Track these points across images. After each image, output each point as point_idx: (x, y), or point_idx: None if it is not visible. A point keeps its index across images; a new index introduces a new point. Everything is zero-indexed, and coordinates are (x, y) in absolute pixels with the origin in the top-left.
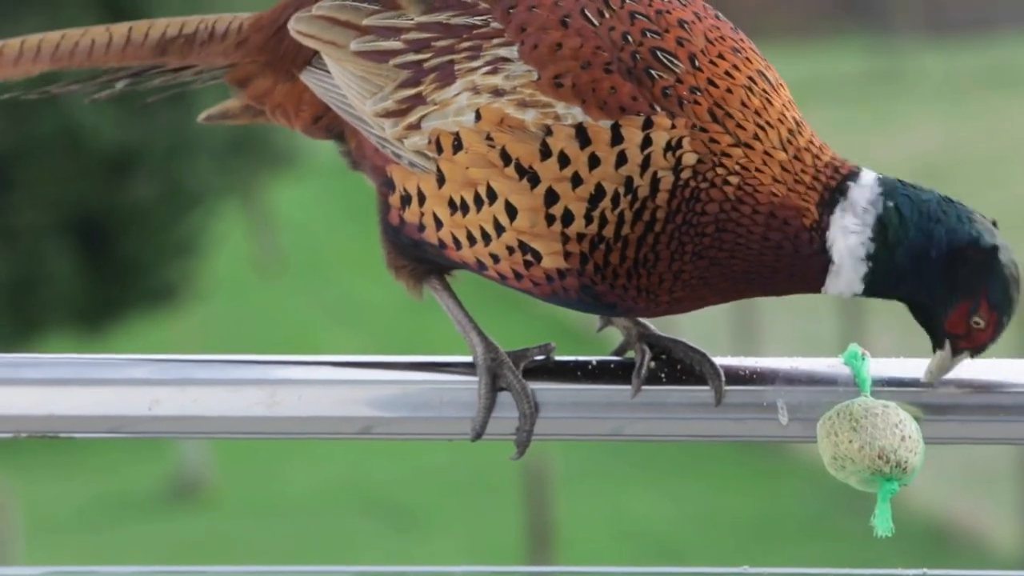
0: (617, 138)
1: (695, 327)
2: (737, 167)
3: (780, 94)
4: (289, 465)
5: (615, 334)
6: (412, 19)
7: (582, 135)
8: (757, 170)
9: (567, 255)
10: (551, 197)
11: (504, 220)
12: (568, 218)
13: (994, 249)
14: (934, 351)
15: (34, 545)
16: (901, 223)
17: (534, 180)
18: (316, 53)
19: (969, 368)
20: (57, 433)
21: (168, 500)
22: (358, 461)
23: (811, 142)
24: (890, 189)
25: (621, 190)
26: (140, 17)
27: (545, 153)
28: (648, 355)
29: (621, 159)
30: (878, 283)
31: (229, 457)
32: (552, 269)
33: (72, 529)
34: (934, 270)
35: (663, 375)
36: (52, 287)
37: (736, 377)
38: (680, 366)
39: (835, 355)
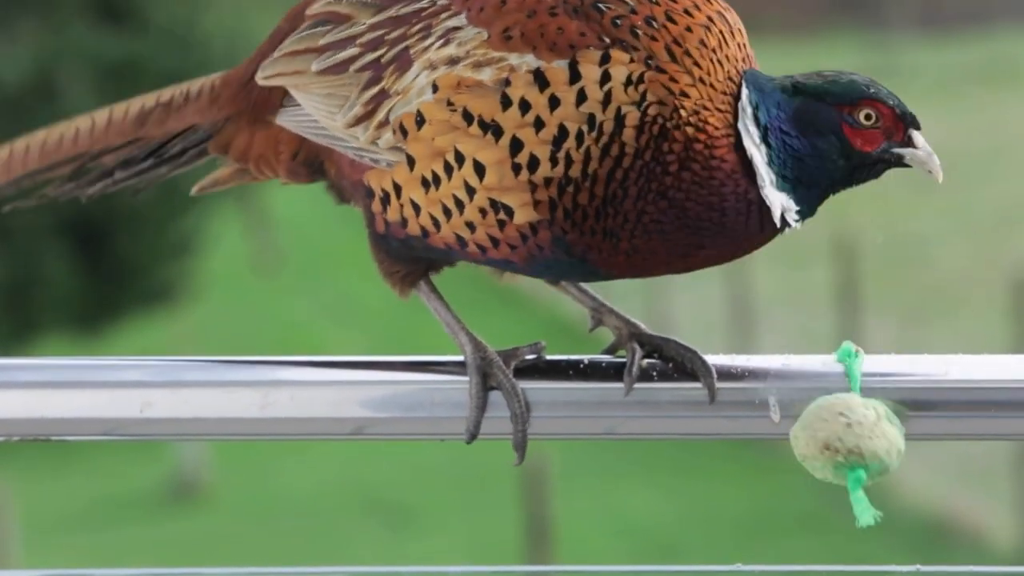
0: (575, 76)
1: (690, 325)
2: (694, 107)
3: (736, 36)
4: (286, 465)
5: (606, 333)
6: (364, 23)
7: (540, 79)
8: (705, 108)
9: (536, 203)
10: (516, 146)
11: (474, 180)
12: (534, 164)
13: (795, 84)
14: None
15: (32, 547)
16: (757, 105)
17: (497, 132)
18: (285, 94)
19: (959, 364)
20: (49, 436)
21: (166, 501)
22: (355, 460)
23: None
24: (750, 77)
25: (585, 128)
26: (134, 18)
27: (506, 104)
28: (639, 353)
29: (581, 96)
30: (794, 185)
31: (226, 458)
32: (524, 224)
33: (70, 531)
34: (798, 138)
35: (655, 373)
36: (48, 288)
37: (728, 375)
38: (672, 364)
39: (832, 351)
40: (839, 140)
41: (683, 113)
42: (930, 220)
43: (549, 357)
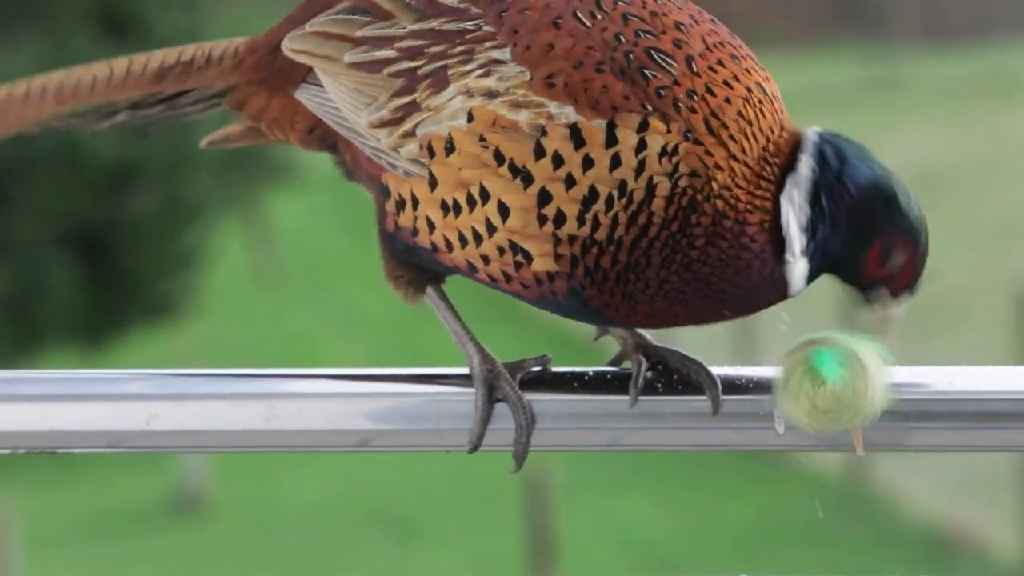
0: (612, 140)
1: (694, 337)
2: (728, 181)
3: (774, 106)
4: (289, 478)
5: (611, 344)
6: (405, 27)
7: (576, 135)
8: (737, 186)
9: (558, 257)
10: (544, 197)
11: (496, 220)
12: (560, 219)
13: (890, 190)
14: (870, 307)
15: (34, 560)
16: (826, 171)
17: (527, 180)
18: (310, 70)
19: (962, 376)
20: (55, 449)
21: (169, 514)
22: (358, 473)
23: (778, 139)
24: (823, 139)
25: (615, 193)
26: (137, 30)
27: (539, 153)
28: (645, 365)
29: (615, 162)
30: (814, 249)
31: (229, 470)
32: (542, 272)
33: (72, 543)
34: (847, 214)
35: (660, 385)
36: (52, 301)
37: (733, 386)
38: (677, 376)
39: None
40: (863, 247)
41: (715, 186)
42: (932, 232)
43: (554, 369)
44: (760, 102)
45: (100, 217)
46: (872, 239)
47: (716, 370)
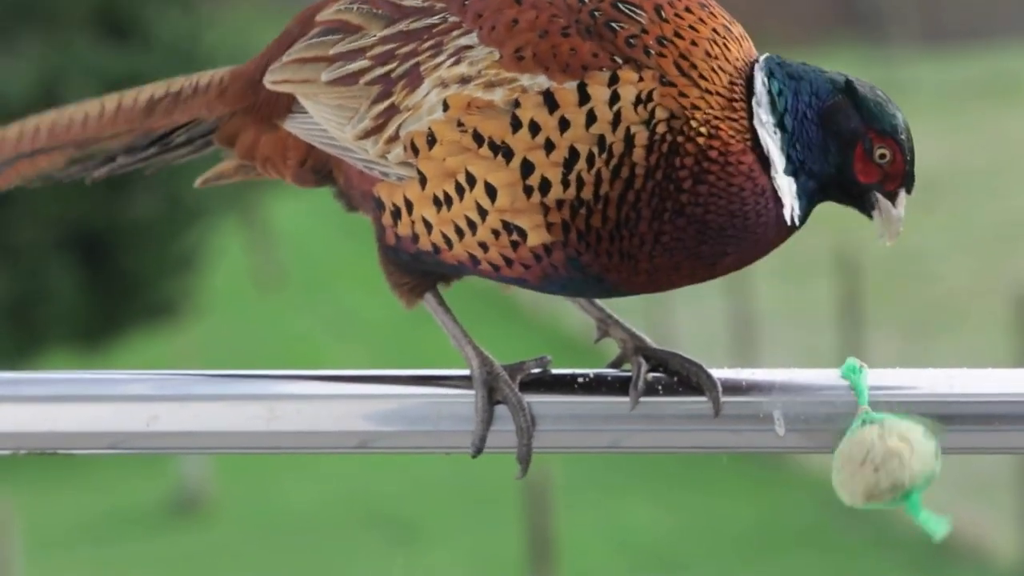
0: (584, 98)
1: (694, 339)
2: (705, 117)
3: (742, 45)
4: (289, 480)
5: (611, 346)
6: (375, 35)
7: (550, 100)
8: (716, 117)
9: (549, 226)
10: (527, 168)
11: (486, 203)
12: (545, 186)
13: (848, 83)
14: (871, 217)
15: (34, 562)
16: (780, 91)
17: (508, 154)
18: (294, 100)
19: (962, 378)
20: (56, 450)
21: (168, 516)
22: (358, 476)
23: (743, 68)
24: (768, 61)
25: (595, 149)
26: (138, 35)
27: (516, 125)
28: (645, 367)
29: (591, 118)
30: (795, 169)
31: (229, 473)
32: (538, 246)
33: (72, 546)
34: (816, 129)
35: (660, 387)
36: (53, 304)
37: (733, 388)
38: (677, 378)
39: (834, 366)
40: (846, 154)
41: (694, 124)
42: (932, 235)
43: (554, 371)
44: (725, 39)
45: (100, 219)
46: (850, 145)
47: (716, 372)
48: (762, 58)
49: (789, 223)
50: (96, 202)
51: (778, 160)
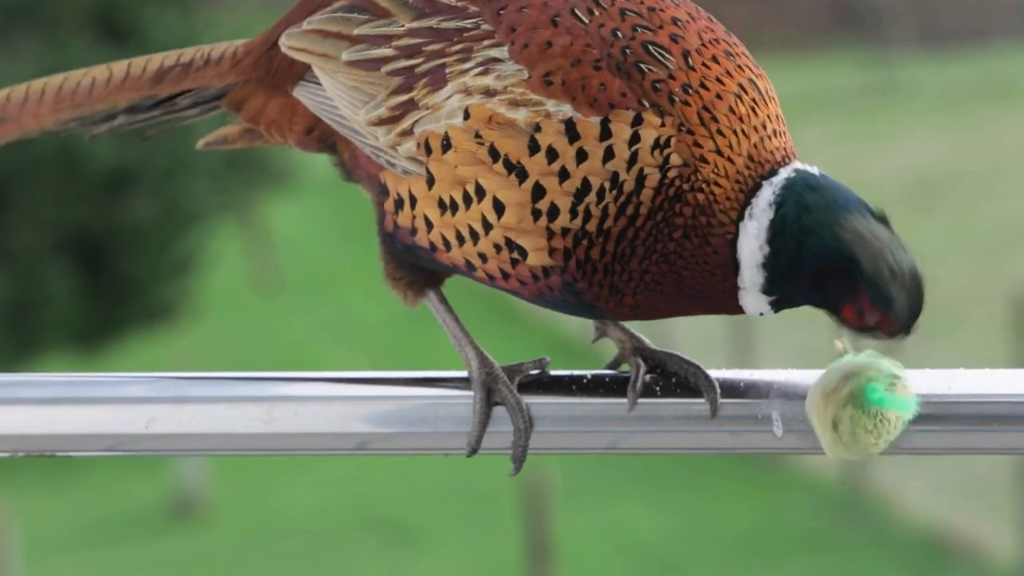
0: (606, 133)
1: (692, 340)
2: (711, 175)
3: (768, 106)
4: (286, 483)
5: (609, 347)
6: (403, 25)
7: (571, 130)
8: (717, 184)
9: (552, 251)
10: (538, 192)
11: (492, 217)
12: (554, 213)
13: (852, 261)
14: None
15: (32, 565)
16: (785, 229)
17: (522, 175)
18: (308, 68)
19: (960, 379)
20: (55, 452)
21: (166, 519)
22: (355, 479)
23: (767, 142)
24: (790, 186)
25: (607, 184)
26: (134, 36)
27: (534, 148)
28: (643, 368)
29: (608, 154)
30: (776, 292)
31: (227, 476)
32: (537, 267)
33: (70, 549)
34: (808, 281)
35: (658, 388)
36: (50, 307)
37: (731, 389)
38: (675, 379)
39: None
40: (835, 306)
41: (699, 177)
42: (931, 238)
43: (552, 372)
44: (753, 100)
45: (98, 222)
46: (842, 301)
47: (714, 373)
48: (787, 174)
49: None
50: (94, 206)
51: (749, 279)
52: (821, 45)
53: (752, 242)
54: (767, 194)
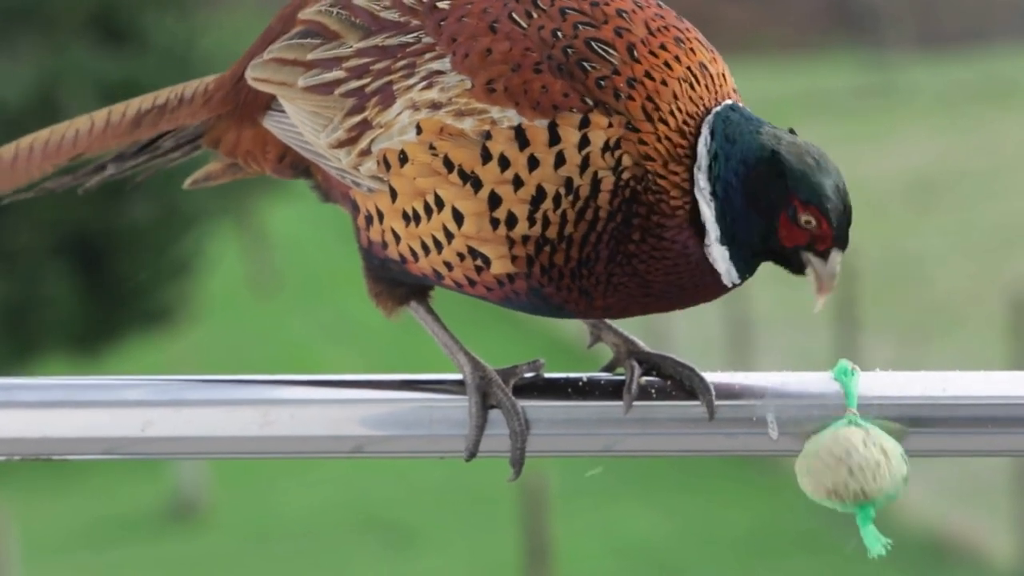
0: (555, 139)
1: (688, 342)
2: (660, 169)
3: (714, 83)
4: (285, 485)
5: (605, 350)
6: (351, 46)
7: (521, 137)
8: (661, 177)
9: (514, 259)
10: (494, 200)
11: (452, 227)
12: (512, 221)
13: (774, 154)
14: (805, 273)
15: (31, 567)
16: (716, 155)
17: (477, 184)
18: (273, 97)
19: (957, 381)
20: (51, 455)
21: (165, 521)
22: (354, 481)
23: (695, 100)
24: (713, 120)
25: (562, 191)
26: (134, 39)
27: (486, 157)
28: (638, 371)
29: (560, 159)
30: (731, 235)
31: (225, 478)
32: (502, 274)
33: (69, 551)
34: (741, 198)
35: (653, 391)
36: (49, 309)
37: (726, 392)
38: (670, 382)
39: (830, 370)
40: (769, 222)
41: (649, 176)
42: (929, 238)
43: (548, 375)
44: (698, 79)
45: (96, 225)
46: (775, 212)
47: (710, 376)
48: (715, 111)
49: (729, 285)
50: (92, 208)
51: (712, 230)
52: (819, 46)
53: (705, 193)
54: (703, 136)
